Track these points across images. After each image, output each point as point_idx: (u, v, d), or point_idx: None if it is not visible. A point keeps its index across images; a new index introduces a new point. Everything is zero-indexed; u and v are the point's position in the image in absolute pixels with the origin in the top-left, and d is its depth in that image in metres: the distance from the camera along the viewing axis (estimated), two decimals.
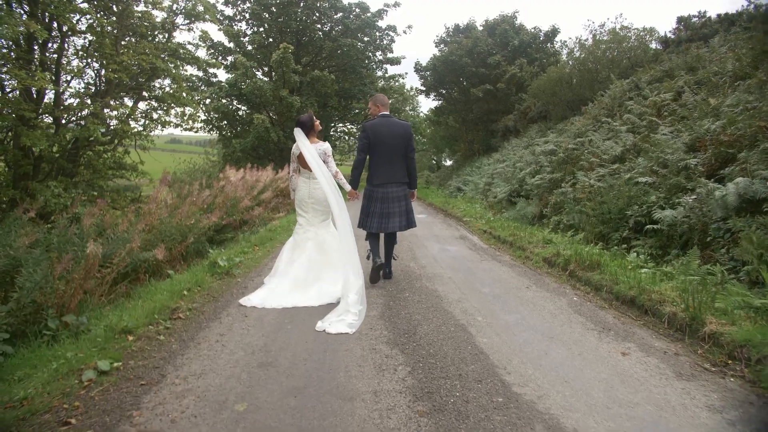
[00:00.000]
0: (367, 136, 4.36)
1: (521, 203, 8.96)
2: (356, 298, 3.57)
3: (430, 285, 4.49)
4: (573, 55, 13.79)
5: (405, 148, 4.41)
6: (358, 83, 21.34)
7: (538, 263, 5.30)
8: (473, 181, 15.77)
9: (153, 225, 5.00)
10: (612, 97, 9.91)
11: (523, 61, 22.85)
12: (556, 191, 8.31)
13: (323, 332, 3.21)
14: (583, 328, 3.26)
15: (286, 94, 17.63)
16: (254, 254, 6.12)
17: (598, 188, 6.74)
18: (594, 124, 9.82)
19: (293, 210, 11.89)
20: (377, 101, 4.55)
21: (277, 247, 6.81)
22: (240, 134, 19.67)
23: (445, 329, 3.25)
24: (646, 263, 4.47)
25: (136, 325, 3.27)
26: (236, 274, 4.99)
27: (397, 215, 4.40)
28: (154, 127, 9.17)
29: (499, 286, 4.47)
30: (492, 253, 6.18)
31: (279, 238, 7.52)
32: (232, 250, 6.23)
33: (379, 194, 4.38)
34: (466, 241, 7.21)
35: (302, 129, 4.21)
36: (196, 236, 6.53)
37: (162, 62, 8.00)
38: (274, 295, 3.95)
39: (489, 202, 11.22)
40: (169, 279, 4.89)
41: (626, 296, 3.61)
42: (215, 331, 3.25)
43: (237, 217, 7.91)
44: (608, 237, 5.82)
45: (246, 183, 9.41)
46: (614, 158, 7.59)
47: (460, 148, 31.30)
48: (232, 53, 19.46)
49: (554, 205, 8.01)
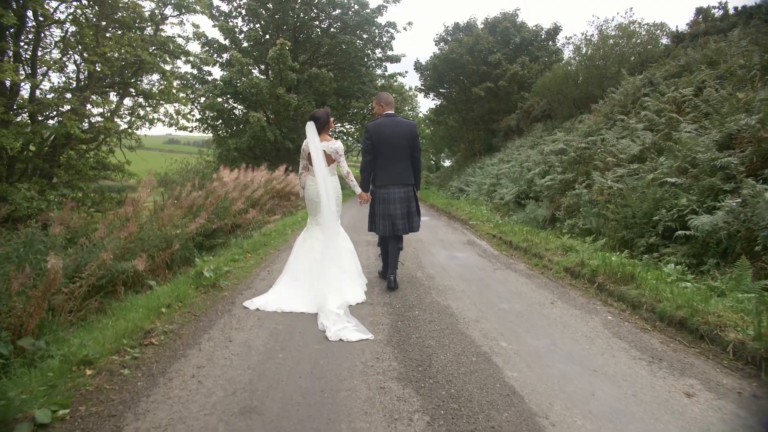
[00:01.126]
0: (370, 137, 4.22)
1: (531, 205, 8.46)
2: (342, 312, 3.42)
3: (442, 300, 3.98)
4: (579, 51, 13.29)
5: (410, 148, 4.26)
6: (357, 82, 20.82)
7: (558, 273, 4.80)
8: (476, 181, 15.27)
9: (132, 232, 4.48)
10: (624, 93, 9.42)
11: (524, 59, 22.41)
12: (570, 193, 7.81)
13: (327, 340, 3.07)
14: (628, 358, 2.75)
15: (283, 92, 17.10)
16: (245, 262, 5.60)
17: (617, 190, 6.24)
18: (606, 122, 9.34)
19: (290, 212, 11.36)
20: (381, 100, 4.39)
21: (272, 254, 6.30)
22: (236, 134, 19.13)
23: (465, 359, 2.74)
24: (684, 275, 3.97)
25: (100, 353, 2.76)
26: (223, 287, 4.47)
27: (399, 218, 4.23)
28: (141, 125, 8.63)
29: (519, 300, 3.96)
30: (505, 261, 5.67)
31: (273, 243, 7.01)
32: (222, 258, 5.71)
33: (382, 195, 4.24)
34: (475, 247, 6.70)
35: (315, 124, 4.05)
36: (183, 242, 6.01)
37: (149, 55, 7.46)
38: (278, 298, 3.87)
39: (495, 204, 10.72)
40: (149, 292, 4.38)
41: (673, 317, 3.11)
42: (192, 362, 2.72)
43: (229, 221, 7.39)
44: (633, 243, 5.32)
45: (239, 184, 8.88)
46: (632, 158, 7.10)
47: (460, 149, 30.81)
48: (227, 50, 18.90)
49: (567, 208, 7.50)
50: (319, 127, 4.06)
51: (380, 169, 4.25)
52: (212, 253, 6.77)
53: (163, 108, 9.19)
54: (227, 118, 19.35)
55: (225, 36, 19.06)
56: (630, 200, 5.60)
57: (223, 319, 3.52)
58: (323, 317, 3.37)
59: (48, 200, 6.35)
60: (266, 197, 10.89)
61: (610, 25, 12.99)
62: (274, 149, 18.89)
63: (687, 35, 10.82)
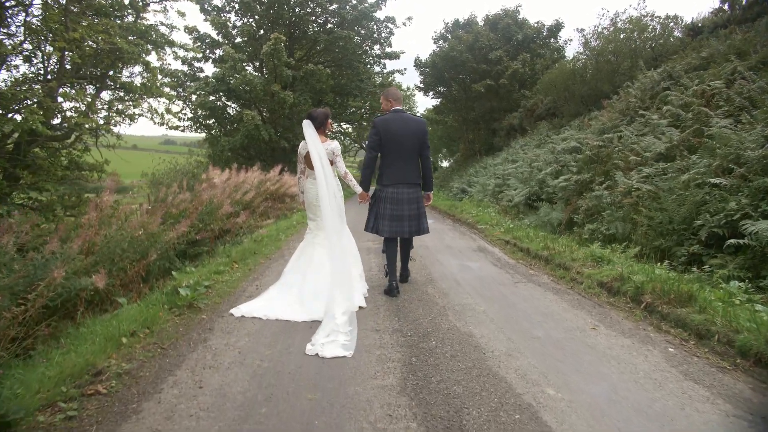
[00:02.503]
0: (377, 133, 4.04)
1: (544, 208, 7.83)
2: (345, 319, 3.20)
3: (462, 325, 3.33)
4: (589, 46, 12.69)
5: (419, 146, 4.10)
6: (354, 79, 20.16)
7: (591, 288, 4.15)
8: (480, 182, 14.66)
9: (92, 241, 3.81)
10: (642, 88, 8.81)
11: (526, 57, 21.84)
12: (588, 194, 7.19)
13: (315, 356, 2.79)
14: (718, 413, 2.11)
15: (278, 89, 16.41)
16: (231, 275, 4.93)
17: (647, 192, 5.62)
18: (622, 119, 8.73)
19: (284, 215, 10.69)
20: (389, 95, 4.22)
21: (262, 264, 5.63)
22: (229, 133, 18.42)
23: (506, 418, 2.08)
24: (749, 293, 3.33)
25: (27, 408, 2.09)
26: (202, 307, 3.80)
27: (407, 219, 4.06)
28: (120, 122, 7.95)
29: (554, 325, 3.31)
30: (525, 272, 5.03)
31: (264, 251, 6.34)
32: (204, 270, 5.04)
33: (389, 195, 4.06)
34: (488, 255, 6.06)
35: (312, 123, 3.84)
36: (163, 251, 5.34)
37: (127, 44, 6.76)
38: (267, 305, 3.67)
39: (502, 206, 10.09)
40: (116, 312, 3.71)
41: (763, 355, 2.46)
42: (145, 424, 2.06)
43: (216, 226, 6.71)
44: (671, 253, 4.69)
45: (229, 186, 8.21)
46: (657, 156, 6.48)
47: (459, 148, 30.24)
48: (220, 46, 18.18)
49: (586, 211, 6.87)
50: (316, 127, 3.86)
51: (387, 167, 4.08)
52: (196, 262, 6.10)
53: (146, 103, 8.52)
54: (220, 117, 18.65)
55: (218, 31, 18.34)
56: (666, 203, 4.97)
57: (195, 354, 2.85)
58: (320, 327, 3.15)
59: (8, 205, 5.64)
60: (259, 199, 10.23)
61: (621, 18, 12.40)
62: (269, 149, 18.20)
63: (705, 27, 10.23)
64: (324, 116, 3.94)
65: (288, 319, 3.44)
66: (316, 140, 3.79)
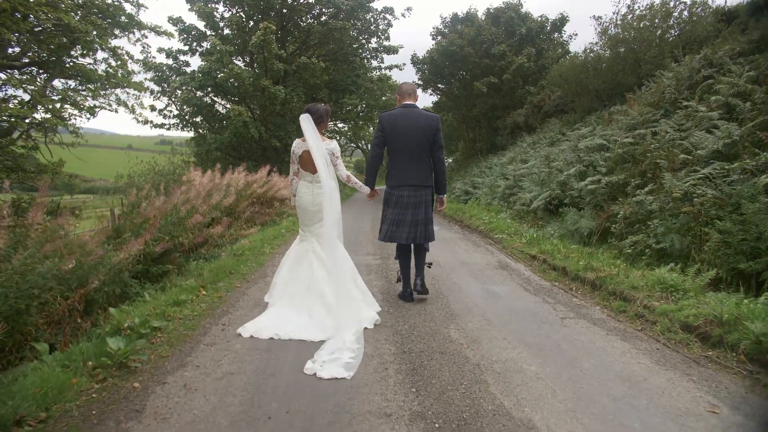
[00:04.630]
0: (382, 128, 3.82)
1: (571, 215, 6.76)
2: (353, 338, 2.95)
3: (512, 404, 2.24)
4: (607, 34, 11.66)
5: (430, 144, 3.80)
6: (350, 75, 19.03)
7: (673, 333, 3.07)
8: (486, 183, 13.62)
9: None
10: (677, 77, 7.76)
11: (531, 51, 20.87)
12: (624, 199, 6.15)
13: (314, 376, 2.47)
14: None
15: (269, 83, 15.27)
16: (194, 307, 3.83)
17: (712, 198, 4.57)
18: (654, 112, 7.69)
19: (273, 221, 9.58)
20: (401, 89, 3.96)
21: (237, 289, 4.53)
22: (218, 131, 17.25)
23: None
24: None
25: None
26: (139, 367, 2.70)
27: (407, 224, 3.77)
28: (77, 115, 6.78)
29: (648, 403, 2.24)
30: (568, 302, 3.96)
31: (243, 269, 5.25)
32: (161, 299, 3.95)
33: (394, 198, 3.84)
34: (514, 275, 4.99)
35: (312, 117, 3.47)
36: (113, 274, 4.24)
37: (78, 22, 5.61)
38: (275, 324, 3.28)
39: (516, 211, 9.03)
40: (14, 377, 2.63)
41: None
42: None
43: (185, 239, 5.59)
44: (764, 279, 3.63)
45: (204, 188, 7.10)
46: (713, 154, 5.45)
47: (458, 148, 29.20)
48: (207, 38, 16.99)
49: (625, 219, 5.82)
50: (315, 121, 3.50)
51: (392, 167, 3.86)
52: (162, 282, 5.01)
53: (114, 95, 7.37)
54: (207, 115, 17.48)
55: (205, 22, 17.14)
56: (749, 214, 3.91)
57: None
58: (327, 343, 2.96)
59: None
60: (245, 203, 9.12)
61: (640, 5, 11.39)
62: (259, 149, 17.06)
63: (741, 11, 9.22)
64: (324, 112, 3.59)
65: (302, 338, 3.09)
66: (316, 137, 3.44)
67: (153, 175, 10.69)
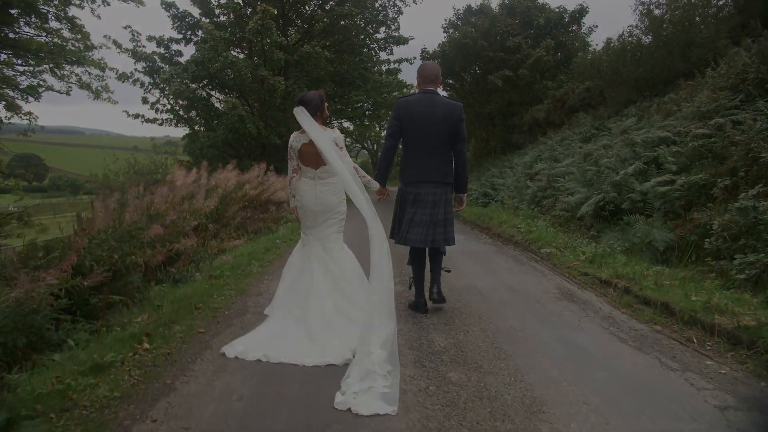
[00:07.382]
0: (398, 117, 3.40)
1: (641, 224, 5.34)
2: (384, 355, 2.42)
3: None
4: (650, 14, 10.24)
5: (451, 136, 3.40)
6: (358, 67, 17.65)
7: None
8: (507, 185, 12.23)
9: None
10: (764, 53, 6.32)
11: (550, 43, 19.51)
12: (720, 207, 4.76)
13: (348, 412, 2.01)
14: None
15: (268, 74, 13.92)
16: (122, 375, 2.45)
17: None
18: (733, 97, 6.28)
19: (268, 228, 8.18)
20: (422, 72, 3.44)
21: (198, 336, 3.15)
22: (213, 127, 15.93)
23: None
24: None
25: None
26: None
27: (422, 225, 3.35)
28: (12, 97, 5.45)
29: None
30: (700, 367, 2.55)
31: (215, 301, 3.89)
32: (64, 367, 2.58)
33: (410, 196, 3.44)
34: (588, 310, 3.59)
35: (306, 109, 3.11)
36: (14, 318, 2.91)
37: None
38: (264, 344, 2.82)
39: (555, 216, 7.62)
40: None
41: None
42: None
43: (140, 257, 4.20)
44: None
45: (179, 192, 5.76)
46: None
47: (470, 147, 27.89)
48: (201, 27, 15.65)
49: (726, 229, 4.39)
50: (311, 113, 3.13)
51: (409, 161, 3.48)
52: (108, 317, 3.66)
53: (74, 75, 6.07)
54: (202, 109, 16.15)
55: (200, 10, 15.81)
56: None
57: None
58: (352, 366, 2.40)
59: None
60: (234, 207, 7.77)
61: None
62: (259, 146, 15.70)
63: None
64: (319, 99, 3.26)
65: (297, 363, 2.61)
66: (316, 128, 3.10)
67: (131, 174, 9.36)
